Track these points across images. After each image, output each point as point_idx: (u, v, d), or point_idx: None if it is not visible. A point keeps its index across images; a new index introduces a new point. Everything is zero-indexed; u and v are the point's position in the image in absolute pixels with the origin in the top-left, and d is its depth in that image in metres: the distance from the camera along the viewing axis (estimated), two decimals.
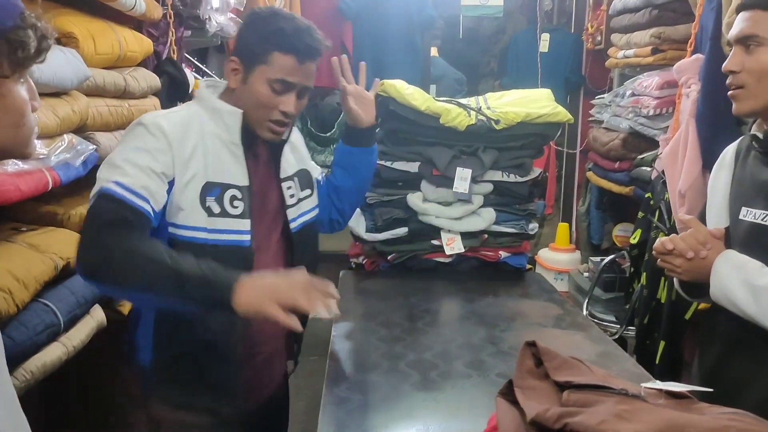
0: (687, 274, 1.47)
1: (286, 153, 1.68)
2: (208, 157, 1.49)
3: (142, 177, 1.39)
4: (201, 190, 1.46)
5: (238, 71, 1.52)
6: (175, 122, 1.48)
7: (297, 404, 3.08)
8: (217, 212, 1.47)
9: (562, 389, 0.98)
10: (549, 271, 4.18)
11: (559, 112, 2.45)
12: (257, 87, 1.49)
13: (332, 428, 1.30)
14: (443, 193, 2.40)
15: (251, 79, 1.50)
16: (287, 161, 1.69)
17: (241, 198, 1.51)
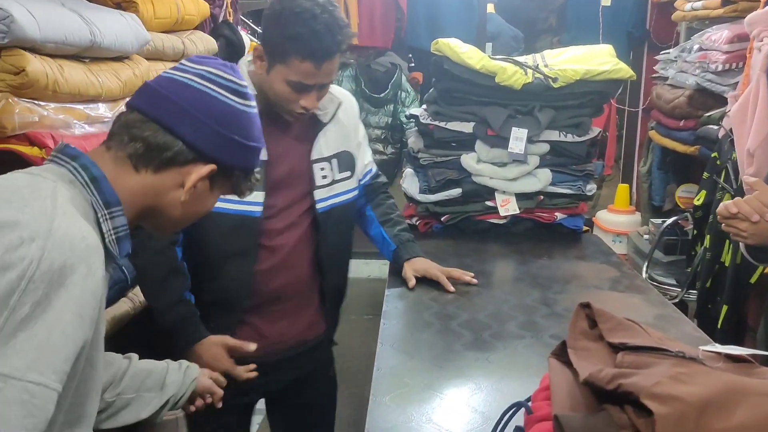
0: (753, 238, 1.41)
1: (326, 133, 1.68)
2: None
3: None
4: None
5: (262, 60, 1.53)
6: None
7: (349, 363, 3.14)
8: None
9: (617, 351, 0.97)
10: (607, 233, 4.09)
11: (621, 68, 2.36)
12: (277, 83, 1.51)
13: (385, 387, 1.33)
14: (498, 153, 2.37)
15: (272, 74, 1.52)
16: (326, 142, 1.68)
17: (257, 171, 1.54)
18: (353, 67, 4.09)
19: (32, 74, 1.45)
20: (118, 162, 0.94)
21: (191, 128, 0.94)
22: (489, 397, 1.28)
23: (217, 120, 0.96)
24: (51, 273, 0.77)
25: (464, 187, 2.40)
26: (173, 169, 0.96)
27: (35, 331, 0.75)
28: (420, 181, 2.45)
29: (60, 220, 0.81)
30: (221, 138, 0.97)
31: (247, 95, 1.00)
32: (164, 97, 0.95)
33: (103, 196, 0.91)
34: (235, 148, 0.99)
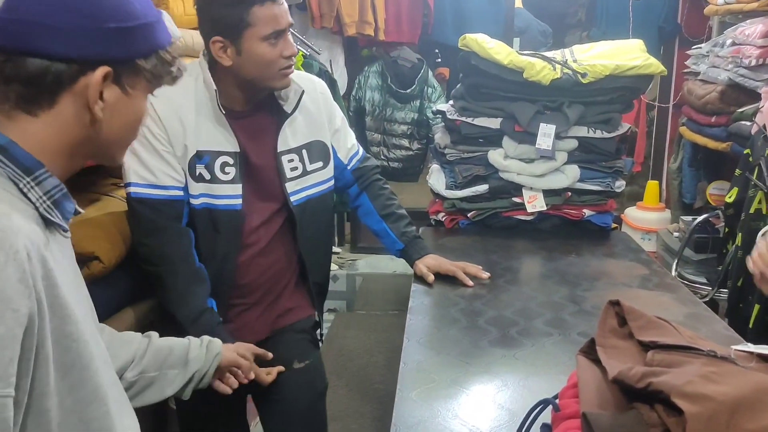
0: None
1: (292, 124, 1.66)
2: (200, 125, 1.55)
3: (156, 164, 1.52)
4: (191, 159, 1.55)
5: (225, 47, 1.50)
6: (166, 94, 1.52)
7: (375, 358, 3.16)
8: (208, 178, 1.57)
9: (647, 349, 0.96)
10: (636, 231, 4.04)
11: (651, 63, 2.33)
12: (256, 50, 1.49)
13: (411, 382, 1.33)
14: (525, 149, 2.35)
15: (245, 47, 1.49)
16: (291, 133, 1.66)
17: (233, 164, 1.58)
18: (379, 63, 4.08)
19: None
20: (13, 116, 0.83)
21: (56, 40, 0.80)
22: (516, 394, 1.28)
23: (76, 14, 0.81)
24: None
25: (491, 183, 2.39)
26: (66, 92, 0.83)
27: None
28: (446, 177, 2.44)
29: None
30: (91, 33, 0.82)
31: None
32: (13, 22, 0.80)
33: (18, 164, 0.81)
34: (115, 37, 0.84)
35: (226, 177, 1.58)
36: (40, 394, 0.77)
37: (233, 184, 1.59)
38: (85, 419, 0.85)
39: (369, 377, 3.01)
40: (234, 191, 1.59)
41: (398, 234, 1.88)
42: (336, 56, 4.06)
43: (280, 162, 1.64)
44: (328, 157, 1.74)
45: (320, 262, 1.82)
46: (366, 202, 1.89)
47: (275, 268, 1.70)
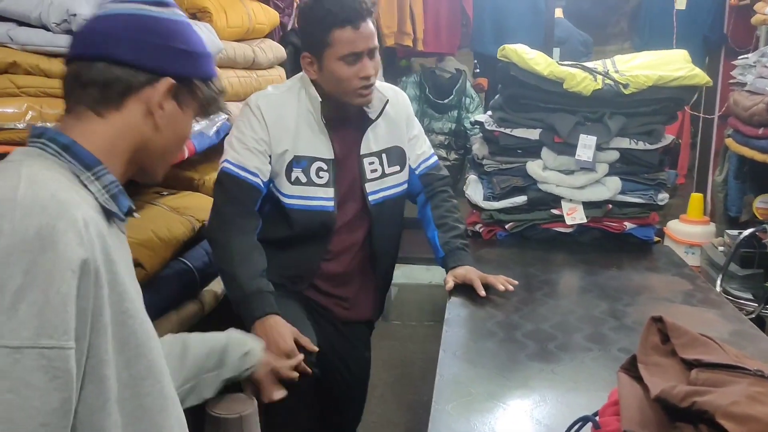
0: None
1: (375, 130, 1.80)
2: (300, 133, 1.71)
3: (249, 155, 1.69)
4: (288, 163, 1.72)
5: (312, 63, 1.68)
6: (274, 103, 1.72)
7: (410, 369, 3.15)
8: (304, 181, 1.73)
9: (690, 367, 0.94)
10: (679, 245, 3.95)
11: (696, 74, 2.28)
12: (333, 68, 1.64)
13: (447, 395, 1.32)
14: (565, 160, 2.32)
15: (325, 65, 1.65)
16: (374, 138, 1.81)
17: (327, 169, 1.74)
18: (417, 73, 4.10)
19: None
20: (82, 117, 0.94)
21: (129, 49, 0.93)
22: (554, 410, 1.26)
23: (149, 32, 0.94)
24: (29, 239, 0.77)
25: (529, 195, 2.37)
26: (133, 98, 0.94)
27: (33, 299, 0.76)
28: (484, 188, 2.43)
29: (24, 188, 0.81)
30: (160, 49, 0.95)
31: (169, 3, 0.99)
32: (92, 34, 0.94)
33: (80, 161, 0.90)
34: (179, 56, 0.96)
35: (321, 181, 1.74)
36: (99, 362, 0.83)
37: (326, 188, 1.74)
38: (140, 394, 0.90)
39: (404, 388, 3.00)
40: (326, 194, 1.75)
41: (443, 242, 1.93)
42: None
43: (362, 164, 1.79)
44: (404, 162, 1.88)
45: (387, 265, 1.96)
46: (428, 212, 1.98)
47: (351, 261, 1.85)
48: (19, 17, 1.51)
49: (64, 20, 1.48)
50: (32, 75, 1.53)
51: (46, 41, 1.51)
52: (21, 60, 1.51)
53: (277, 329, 1.56)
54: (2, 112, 1.49)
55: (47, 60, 1.52)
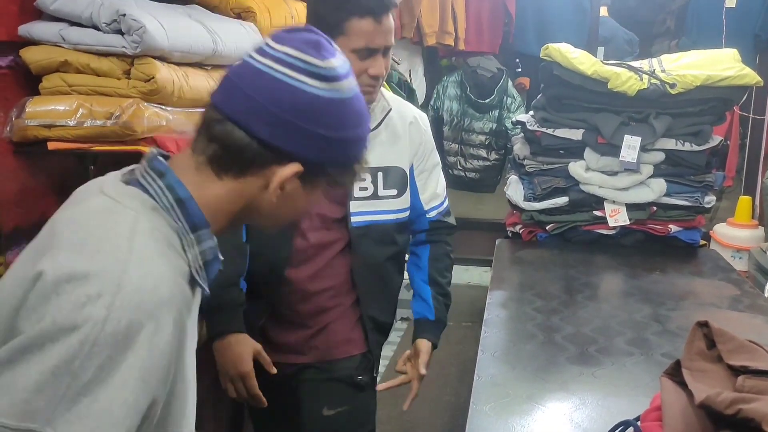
0: None
1: (373, 142, 1.47)
2: None
3: None
4: None
5: None
6: None
7: (447, 370, 3.14)
8: None
9: (737, 374, 0.91)
10: (726, 248, 3.84)
11: (747, 74, 2.23)
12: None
13: (485, 396, 1.32)
14: (608, 161, 2.29)
15: None
16: (373, 152, 1.45)
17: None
18: (459, 73, 4.08)
19: (161, 81, 1.56)
20: (201, 170, 0.86)
21: (267, 125, 0.83)
22: (594, 414, 1.24)
23: (297, 113, 0.83)
24: (116, 334, 0.72)
25: (571, 196, 2.34)
26: (253, 171, 0.86)
27: (98, 397, 0.71)
28: (525, 189, 2.41)
29: (133, 269, 0.76)
30: (302, 133, 0.84)
31: (334, 77, 0.85)
32: (238, 89, 0.84)
33: (189, 219, 0.85)
34: (322, 143, 0.85)
35: None
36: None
37: None
38: None
39: (441, 389, 2.99)
40: None
41: (436, 306, 1.69)
42: (415, 66, 4.08)
43: None
44: (404, 187, 1.62)
45: (379, 297, 1.65)
46: (424, 256, 1.73)
47: (328, 292, 1.58)
48: (71, 17, 1.56)
49: (114, 20, 1.52)
50: (83, 74, 1.57)
51: (97, 41, 1.55)
52: (72, 59, 1.56)
53: (237, 350, 1.46)
54: (54, 110, 1.54)
55: (97, 59, 1.56)
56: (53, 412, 0.70)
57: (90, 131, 1.54)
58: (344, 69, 0.87)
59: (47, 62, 1.57)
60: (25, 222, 1.65)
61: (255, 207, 0.90)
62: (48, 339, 0.71)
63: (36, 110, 1.54)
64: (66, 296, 0.73)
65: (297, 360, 1.59)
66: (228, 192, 0.87)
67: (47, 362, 0.71)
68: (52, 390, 0.70)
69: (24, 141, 1.57)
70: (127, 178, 0.87)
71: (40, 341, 0.71)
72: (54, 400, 0.70)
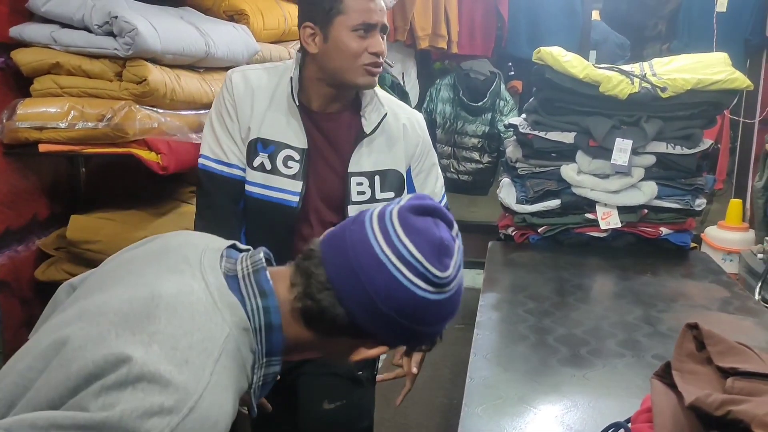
0: None
1: (370, 146, 1.57)
2: (269, 114, 1.51)
3: (227, 140, 1.51)
4: (249, 145, 1.51)
5: (315, 34, 1.47)
6: (249, 78, 1.53)
7: (440, 372, 3.14)
8: (268, 168, 1.51)
9: (726, 376, 0.92)
10: (717, 251, 3.87)
11: (737, 78, 2.24)
12: (343, 39, 1.45)
13: (478, 398, 1.32)
14: (600, 164, 2.30)
15: (332, 34, 1.45)
16: (367, 155, 1.56)
17: (298, 160, 1.51)
18: (451, 76, 4.09)
19: (153, 83, 1.56)
20: (294, 312, 0.88)
21: (367, 314, 0.85)
22: (585, 416, 1.25)
23: (401, 312, 0.85)
24: None
25: (563, 199, 2.35)
26: (341, 337, 0.90)
27: None
28: (517, 191, 2.42)
29: (208, 396, 0.77)
30: (398, 327, 0.86)
31: (447, 284, 0.86)
32: (353, 271, 0.85)
33: (269, 346, 0.86)
34: (411, 335, 0.89)
35: (288, 171, 1.52)
36: None
37: (294, 180, 1.52)
38: None
39: (433, 391, 2.99)
40: (293, 187, 1.51)
41: None
42: (408, 69, 4.09)
43: (349, 183, 1.55)
44: (401, 190, 1.62)
45: None
46: None
47: None
48: (63, 19, 1.55)
49: (106, 22, 1.52)
50: (74, 76, 1.57)
51: (89, 43, 1.54)
52: (64, 61, 1.55)
53: None
54: (45, 112, 1.54)
55: (89, 61, 1.56)
56: None
57: (81, 133, 1.54)
58: (455, 270, 0.87)
59: (39, 64, 1.56)
60: (15, 224, 1.64)
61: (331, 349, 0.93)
62: (107, 430, 0.71)
63: (27, 112, 1.54)
64: (142, 396, 0.73)
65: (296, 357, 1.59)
66: (314, 340, 0.90)
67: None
68: None
69: (15, 143, 1.56)
70: (229, 270, 0.88)
71: (99, 428, 0.71)
72: None
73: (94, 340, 0.77)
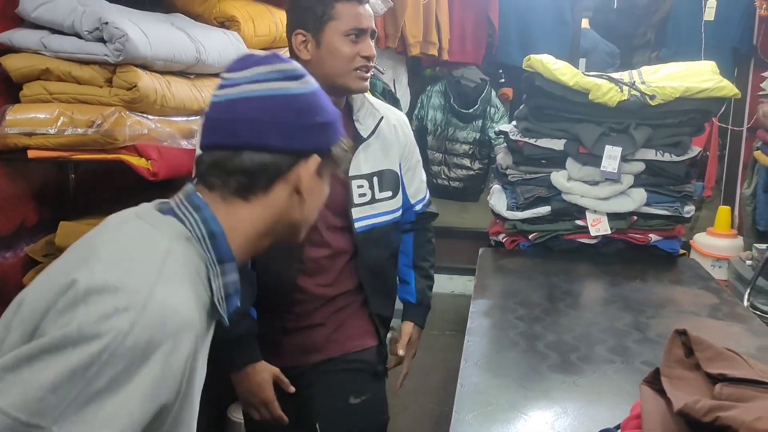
0: None
1: (367, 150, 1.62)
2: None
3: None
4: None
5: (307, 41, 1.52)
6: None
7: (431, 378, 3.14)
8: None
9: (715, 382, 0.93)
10: (706, 258, 3.88)
11: (725, 86, 2.26)
12: (335, 44, 1.50)
13: (468, 405, 1.32)
14: (590, 171, 2.31)
15: (325, 40, 1.51)
16: (364, 159, 1.62)
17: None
18: (442, 83, 4.10)
19: (143, 90, 1.55)
20: (228, 201, 0.92)
21: (276, 135, 0.91)
22: (575, 422, 1.25)
23: (292, 113, 0.93)
24: (135, 348, 0.75)
25: (553, 205, 2.36)
26: (281, 181, 0.94)
27: (105, 406, 0.74)
28: (508, 198, 2.43)
29: (160, 290, 0.80)
30: (305, 128, 0.94)
31: (300, 75, 0.96)
32: (234, 122, 0.91)
33: (218, 253, 0.90)
34: (321, 131, 0.96)
35: None
36: None
37: None
38: None
39: (424, 398, 2.99)
40: None
41: (419, 289, 1.81)
42: (399, 76, 4.10)
43: (350, 186, 1.60)
44: (397, 188, 1.70)
45: (383, 294, 1.74)
46: (408, 243, 1.82)
47: (342, 295, 1.66)
48: (53, 25, 1.55)
49: (96, 28, 1.51)
50: (64, 81, 1.56)
51: (79, 49, 1.54)
52: (53, 67, 1.55)
53: (256, 379, 1.52)
54: (35, 118, 1.53)
55: (79, 67, 1.56)
56: (62, 413, 0.73)
57: (71, 139, 1.53)
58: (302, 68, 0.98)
59: (28, 70, 1.55)
60: (4, 230, 1.63)
61: (285, 217, 0.97)
62: (70, 343, 0.74)
63: (16, 118, 1.53)
64: (94, 306, 0.76)
65: (317, 358, 1.65)
66: (259, 210, 0.94)
67: (65, 365, 0.73)
68: (65, 392, 0.73)
69: (4, 149, 1.55)
70: (162, 207, 0.92)
71: (62, 344, 0.74)
72: (64, 402, 0.73)
73: (45, 287, 0.81)
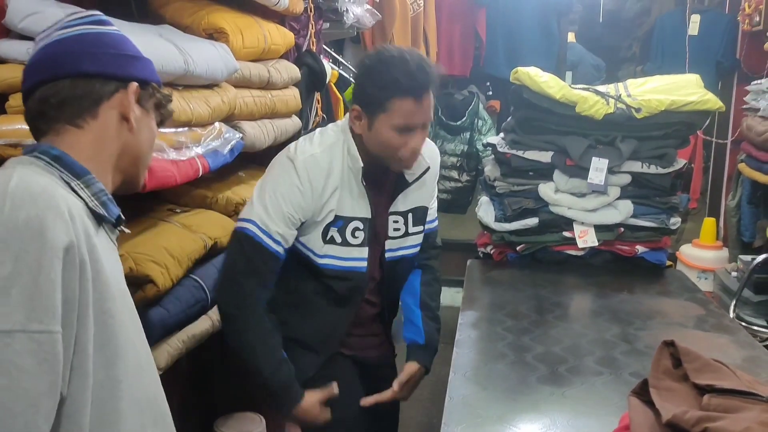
0: None
1: (408, 192, 1.71)
2: (344, 194, 1.62)
3: (281, 224, 1.57)
4: (327, 224, 1.61)
5: (361, 118, 1.57)
6: (321, 165, 1.59)
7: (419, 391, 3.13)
8: (339, 241, 1.63)
9: (703, 393, 0.93)
10: (692, 269, 3.92)
11: (709, 99, 2.29)
12: (383, 134, 1.54)
13: (457, 417, 1.32)
14: (577, 183, 2.33)
15: (375, 126, 1.55)
16: (403, 198, 1.71)
17: (362, 228, 1.65)
18: None
19: None
20: (62, 132, 0.98)
21: (91, 62, 0.98)
22: None
23: (103, 45, 1.01)
24: (18, 228, 0.81)
25: (541, 217, 2.37)
26: (105, 105, 0.99)
27: (23, 284, 0.79)
28: (496, 210, 2.43)
29: (15, 182, 0.85)
30: (118, 57, 1.01)
31: (106, 21, 1.05)
32: (48, 59, 0.99)
33: (71, 170, 0.94)
34: (135, 62, 1.04)
35: (355, 241, 1.64)
36: (84, 356, 0.86)
37: (361, 248, 1.65)
38: (116, 396, 0.92)
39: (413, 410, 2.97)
40: (360, 254, 1.65)
41: (427, 331, 1.83)
42: None
43: (387, 220, 1.70)
44: (425, 222, 1.79)
45: (392, 311, 1.86)
46: (416, 280, 1.87)
47: (365, 315, 1.77)
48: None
49: None
50: None
51: None
52: None
53: (312, 412, 1.62)
54: (21, 129, 1.51)
55: None
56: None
57: None
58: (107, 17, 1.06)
59: (15, 80, 1.53)
60: None
61: (123, 147, 1.02)
62: None
63: (2, 129, 1.51)
64: None
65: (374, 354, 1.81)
66: (94, 134, 0.99)
67: None
68: None
69: None
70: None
71: None
72: None
73: None
